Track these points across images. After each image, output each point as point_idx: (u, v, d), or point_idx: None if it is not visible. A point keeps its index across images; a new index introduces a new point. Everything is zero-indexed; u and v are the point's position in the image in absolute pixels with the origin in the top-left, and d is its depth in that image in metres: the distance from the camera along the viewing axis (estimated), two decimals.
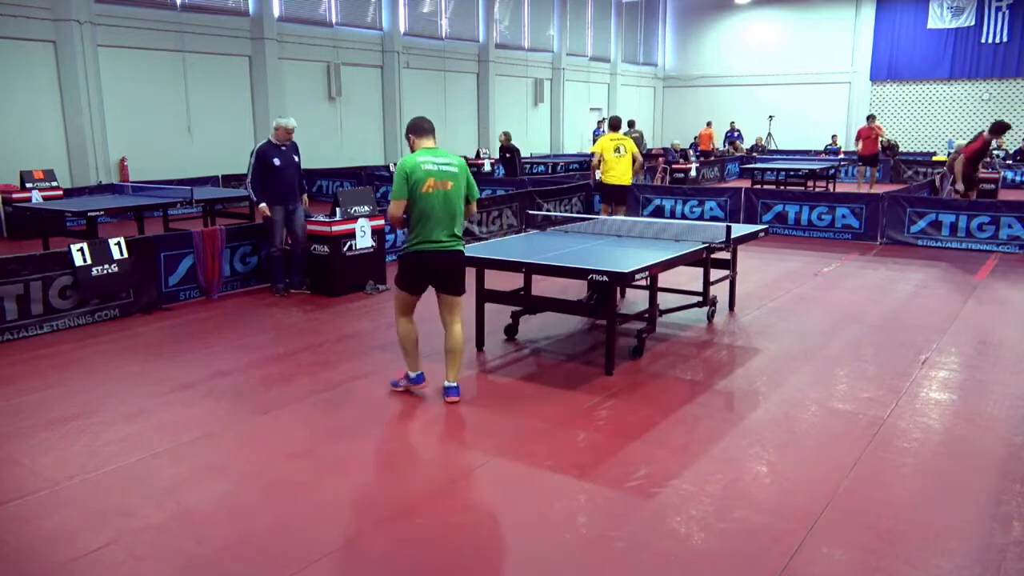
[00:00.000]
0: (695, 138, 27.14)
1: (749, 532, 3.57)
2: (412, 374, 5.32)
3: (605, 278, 5.48)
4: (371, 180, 16.71)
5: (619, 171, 10.88)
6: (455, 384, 5.24)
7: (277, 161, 8.07)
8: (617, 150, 10.92)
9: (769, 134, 29.01)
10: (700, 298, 7.09)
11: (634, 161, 11.02)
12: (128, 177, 15.61)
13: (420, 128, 5.08)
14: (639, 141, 19.07)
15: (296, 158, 8.28)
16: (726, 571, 3.30)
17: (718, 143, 27.04)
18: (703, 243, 6.71)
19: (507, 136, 18.45)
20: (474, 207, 5.23)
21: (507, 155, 18.30)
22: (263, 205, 8.13)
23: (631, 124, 19.36)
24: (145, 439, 4.64)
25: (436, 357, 6.23)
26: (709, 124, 26.42)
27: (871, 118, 18.68)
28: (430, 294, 5.18)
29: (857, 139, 19.25)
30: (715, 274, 7.19)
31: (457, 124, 23.38)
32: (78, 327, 7.14)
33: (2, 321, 6.66)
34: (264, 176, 8.09)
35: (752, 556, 3.38)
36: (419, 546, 3.50)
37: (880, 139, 18.81)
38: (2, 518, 3.74)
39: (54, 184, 12.81)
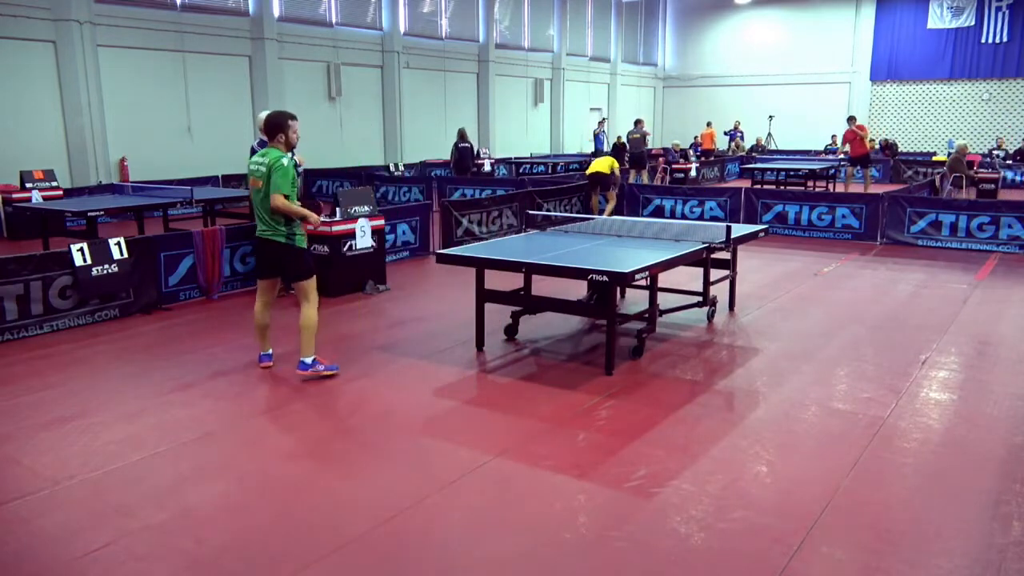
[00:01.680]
0: (695, 138, 27.14)
1: (749, 532, 3.57)
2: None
3: (605, 278, 5.48)
4: (371, 180, 16.71)
5: (596, 164, 13.60)
6: (304, 359, 5.66)
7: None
8: None
9: (769, 134, 29.01)
10: (700, 298, 7.09)
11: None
12: (128, 177, 15.62)
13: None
14: (641, 141, 19.04)
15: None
16: (726, 571, 3.30)
17: (719, 143, 27.02)
18: (703, 243, 6.71)
19: (463, 132, 18.35)
20: (273, 200, 5.38)
21: (462, 146, 18.06)
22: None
23: (637, 123, 19.35)
24: (145, 439, 4.64)
25: (434, 358, 6.23)
26: (709, 124, 26.42)
27: (851, 119, 18.62)
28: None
29: (844, 142, 19.20)
30: (715, 274, 7.19)
31: (457, 124, 23.30)
32: (78, 327, 7.14)
33: (2, 321, 6.66)
34: None
35: (752, 556, 3.38)
36: (419, 546, 3.50)
37: (866, 139, 18.68)
38: (2, 518, 3.74)
39: (54, 184, 12.81)
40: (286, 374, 5.84)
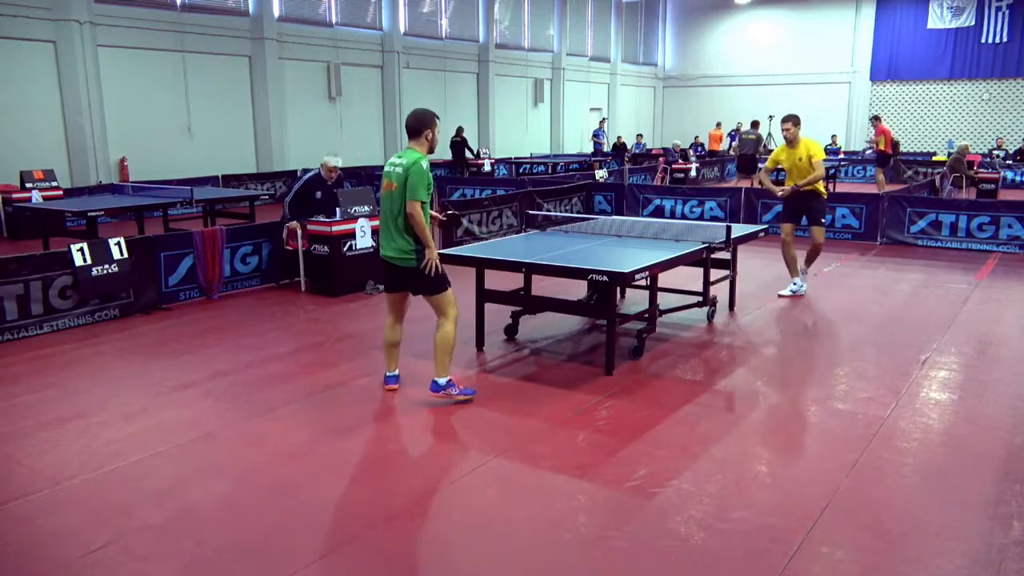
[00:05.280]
0: (695, 138, 27.13)
1: (749, 532, 3.57)
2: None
3: (605, 278, 5.48)
4: (371, 180, 16.69)
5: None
6: (437, 379, 5.16)
7: (319, 195, 8.58)
8: None
9: (769, 134, 28.97)
10: (700, 298, 7.09)
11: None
12: (128, 177, 15.62)
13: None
14: (756, 143, 19.03)
15: (334, 191, 8.70)
16: (726, 571, 3.30)
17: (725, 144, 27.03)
18: (703, 243, 6.71)
19: (458, 128, 20.54)
20: (408, 207, 4.84)
21: (454, 140, 20.26)
22: (294, 223, 8.56)
23: (754, 125, 19.52)
24: (145, 439, 4.64)
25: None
26: (719, 125, 26.44)
27: (877, 119, 18.47)
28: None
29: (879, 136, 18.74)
30: (715, 274, 7.19)
31: (457, 124, 23.38)
32: (78, 327, 7.14)
33: (2, 321, 6.66)
34: (303, 203, 8.58)
35: (752, 556, 3.38)
36: (418, 546, 3.50)
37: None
38: (2, 518, 3.74)
39: (54, 184, 12.82)
40: (284, 374, 5.84)
